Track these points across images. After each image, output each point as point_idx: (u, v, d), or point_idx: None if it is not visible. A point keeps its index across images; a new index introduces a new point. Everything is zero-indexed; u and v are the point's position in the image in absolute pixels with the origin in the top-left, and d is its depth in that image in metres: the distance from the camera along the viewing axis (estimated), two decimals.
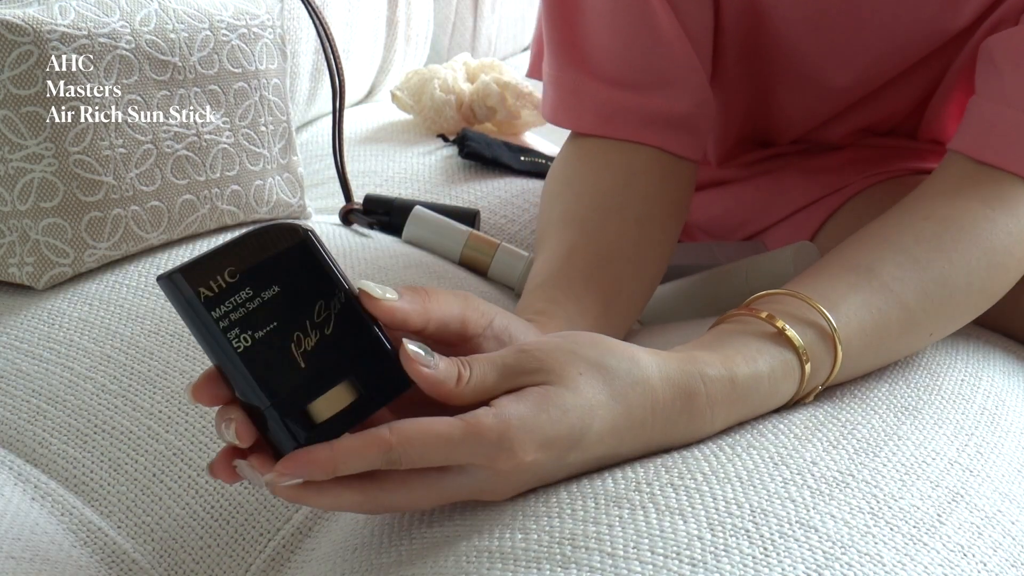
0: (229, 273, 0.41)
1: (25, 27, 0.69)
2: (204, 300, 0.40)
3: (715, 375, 0.48)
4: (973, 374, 0.60)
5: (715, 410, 0.49)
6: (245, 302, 0.41)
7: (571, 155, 0.71)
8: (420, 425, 0.42)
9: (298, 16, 1.05)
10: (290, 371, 0.42)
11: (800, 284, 0.55)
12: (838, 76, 0.77)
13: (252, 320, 0.41)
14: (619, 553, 0.41)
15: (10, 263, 0.73)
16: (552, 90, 0.73)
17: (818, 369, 0.52)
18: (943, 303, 0.57)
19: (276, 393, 0.41)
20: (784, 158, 0.87)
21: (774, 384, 0.51)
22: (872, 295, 0.54)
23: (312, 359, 0.42)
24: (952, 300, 0.57)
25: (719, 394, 0.48)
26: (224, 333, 0.41)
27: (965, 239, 0.57)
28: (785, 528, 0.43)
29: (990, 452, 0.52)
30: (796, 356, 0.51)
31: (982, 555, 0.45)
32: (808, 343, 0.51)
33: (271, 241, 0.43)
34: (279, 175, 0.84)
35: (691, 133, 0.69)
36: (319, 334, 0.43)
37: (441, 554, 0.45)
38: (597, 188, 0.66)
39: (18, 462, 0.62)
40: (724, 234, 0.89)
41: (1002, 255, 0.58)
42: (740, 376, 0.49)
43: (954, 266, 0.56)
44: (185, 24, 0.78)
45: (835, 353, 0.52)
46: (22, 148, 0.70)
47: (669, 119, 0.68)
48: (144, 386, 0.65)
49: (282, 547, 0.58)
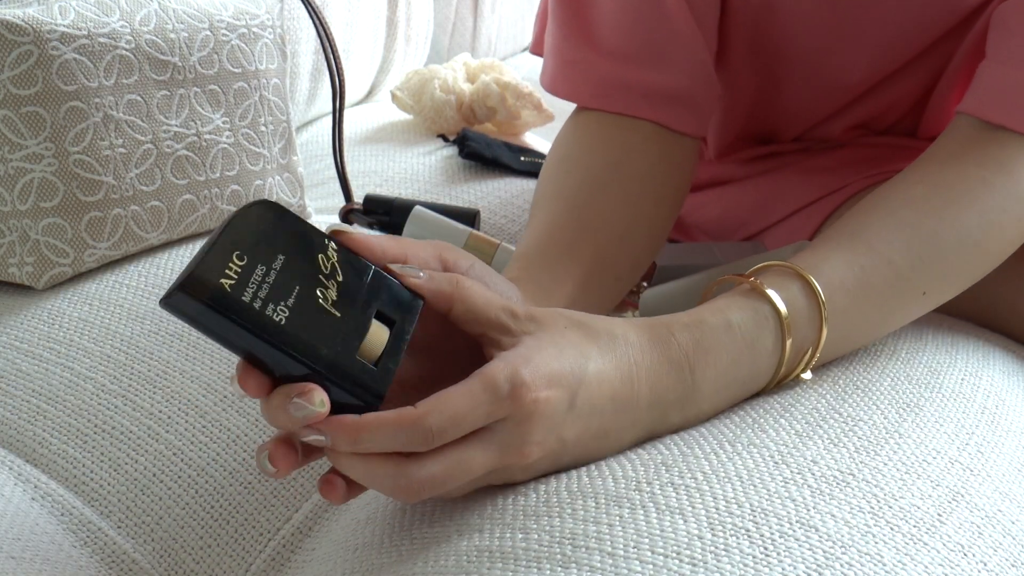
0: (237, 256, 0.41)
1: (25, 27, 0.69)
2: (231, 288, 0.40)
3: (683, 323, 0.50)
4: (973, 373, 0.60)
5: (691, 360, 0.50)
6: (264, 277, 0.42)
7: (569, 132, 0.71)
8: (440, 394, 0.42)
9: (298, 16, 1.05)
10: (330, 325, 0.42)
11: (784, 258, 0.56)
12: (848, 66, 0.77)
13: (278, 291, 0.42)
14: (619, 553, 0.41)
15: (10, 263, 0.73)
16: (553, 61, 0.73)
17: (802, 325, 0.53)
18: (934, 260, 0.57)
19: (328, 352, 0.42)
20: (783, 157, 0.87)
21: (746, 332, 0.51)
22: (855, 255, 0.55)
23: (342, 306, 0.43)
24: (944, 257, 0.57)
25: (689, 341, 0.50)
26: (262, 312, 0.40)
27: (957, 200, 0.57)
28: (785, 527, 0.43)
29: (990, 451, 0.52)
30: (771, 307, 0.52)
31: (982, 554, 0.45)
32: (788, 299, 0.52)
33: (253, 219, 0.44)
34: (279, 175, 0.84)
35: (691, 110, 0.69)
36: (334, 282, 0.44)
37: (441, 554, 0.45)
38: (590, 164, 0.67)
39: (18, 462, 0.62)
40: (724, 235, 0.89)
41: (996, 212, 0.58)
42: (708, 323, 0.50)
43: (944, 223, 0.57)
44: (185, 24, 0.78)
45: (819, 310, 0.53)
46: (22, 148, 0.70)
47: (669, 94, 0.68)
48: (144, 386, 0.65)
49: (282, 547, 0.58)
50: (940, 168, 0.59)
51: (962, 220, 0.57)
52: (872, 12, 0.73)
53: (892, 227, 0.56)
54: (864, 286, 0.55)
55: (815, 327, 0.53)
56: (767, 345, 0.52)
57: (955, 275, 0.59)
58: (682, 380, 0.50)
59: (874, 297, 0.55)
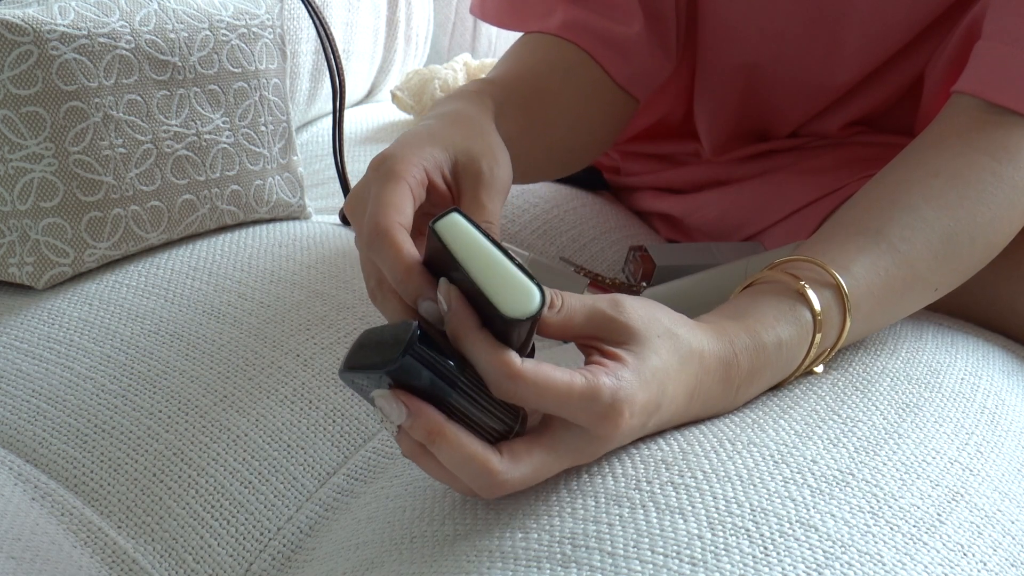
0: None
1: (25, 27, 0.69)
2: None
3: (743, 345, 0.50)
4: (973, 373, 0.60)
5: (742, 379, 0.50)
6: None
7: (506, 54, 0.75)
8: (543, 368, 0.42)
9: (298, 16, 1.05)
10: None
11: (812, 249, 0.56)
12: (833, 62, 0.77)
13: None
14: (619, 552, 0.41)
15: (10, 263, 0.73)
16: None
17: (828, 333, 0.53)
18: (947, 259, 0.58)
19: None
20: (781, 156, 0.87)
21: (791, 349, 0.52)
22: (880, 257, 0.55)
23: None
24: (957, 256, 0.58)
25: (747, 363, 0.50)
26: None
27: (971, 196, 0.58)
28: (785, 527, 0.43)
29: (990, 451, 0.52)
30: (812, 317, 0.52)
31: (982, 554, 0.45)
32: (824, 307, 0.53)
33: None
34: (279, 175, 0.84)
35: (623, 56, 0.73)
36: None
37: (441, 553, 0.45)
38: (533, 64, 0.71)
39: (18, 462, 0.62)
40: (722, 236, 0.89)
41: (1006, 209, 0.59)
42: (765, 347, 0.51)
43: (959, 224, 0.57)
44: (185, 24, 0.78)
45: (844, 316, 0.53)
46: (22, 148, 0.70)
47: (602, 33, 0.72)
48: (144, 386, 0.65)
49: (283, 546, 0.58)
50: (953, 159, 0.59)
51: (976, 219, 0.58)
52: (855, 7, 0.73)
53: (914, 226, 0.57)
54: (887, 290, 0.56)
55: (838, 330, 0.54)
56: (802, 354, 0.53)
57: (964, 271, 0.60)
58: (729, 398, 0.51)
59: (894, 299, 0.57)
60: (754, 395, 0.53)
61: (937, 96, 0.79)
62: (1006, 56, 0.61)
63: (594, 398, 0.43)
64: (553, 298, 0.45)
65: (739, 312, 0.53)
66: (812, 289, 0.53)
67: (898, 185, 0.59)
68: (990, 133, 0.59)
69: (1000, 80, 0.61)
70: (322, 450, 0.62)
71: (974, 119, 0.60)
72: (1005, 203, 0.59)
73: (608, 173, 0.98)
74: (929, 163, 0.59)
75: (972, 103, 0.61)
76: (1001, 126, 0.60)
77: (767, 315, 0.52)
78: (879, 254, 0.55)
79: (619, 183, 0.98)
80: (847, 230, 0.57)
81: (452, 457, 0.42)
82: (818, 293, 0.53)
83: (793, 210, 0.84)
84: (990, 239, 0.59)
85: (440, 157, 0.52)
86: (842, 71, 0.78)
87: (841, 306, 0.53)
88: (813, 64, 0.78)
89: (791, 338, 0.52)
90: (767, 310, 0.52)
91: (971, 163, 0.59)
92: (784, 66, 0.79)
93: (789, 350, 0.52)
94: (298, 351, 0.67)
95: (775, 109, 0.84)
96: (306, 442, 0.62)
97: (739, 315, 0.52)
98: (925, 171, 0.59)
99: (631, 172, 0.96)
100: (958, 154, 0.59)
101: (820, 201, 0.82)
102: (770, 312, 0.52)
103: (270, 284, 0.74)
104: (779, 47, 0.78)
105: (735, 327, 0.51)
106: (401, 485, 0.54)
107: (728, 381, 0.50)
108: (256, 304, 0.72)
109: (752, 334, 0.51)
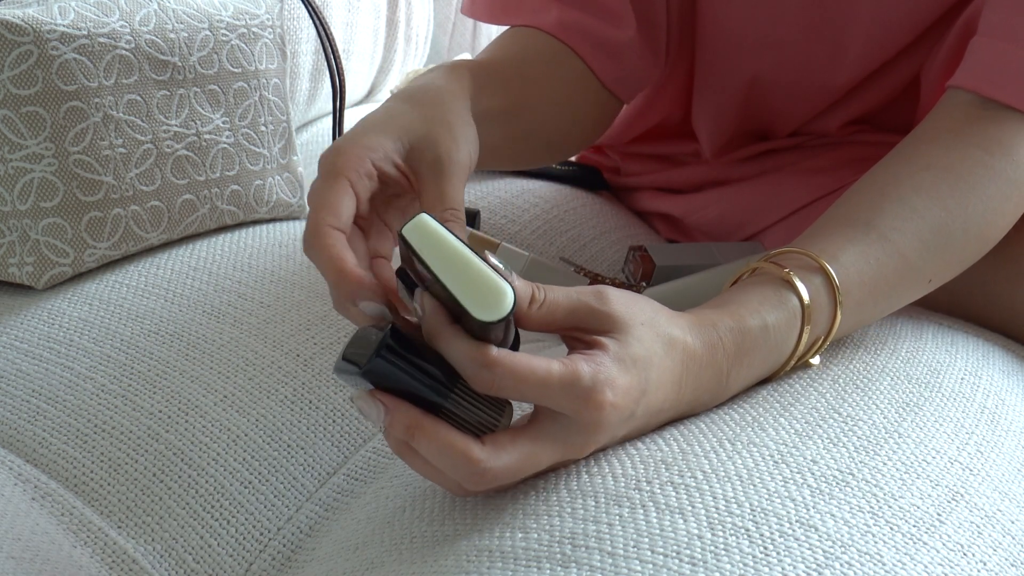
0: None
1: (25, 27, 0.69)
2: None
3: (727, 327, 0.50)
4: (973, 372, 0.60)
5: (730, 363, 0.50)
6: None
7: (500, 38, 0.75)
8: (520, 357, 0.42)
9: (298, 16, 1.05)
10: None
11: (802, 242, 0.56)
12: (835, 63, 0.77)
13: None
14: (619, 552, 0.41)
15: (10, 263, 0.73)
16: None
17: (820, 318, 0.54)
18: (940, 250, 0.58)
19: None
20: (781, 156, 0.87)
21: (779, 334, 0.52)
22: (869, 246, 0.56)
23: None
24: (949, 247, 0.58)
25: (732, 345, 0.50)
26: None
27: (962, 187, 0.58)
28: (785, 527, 0.43)
29: (990, 451, 0.52)
30: (799, 303, 0.52)
31: (982, 554, 0.45)
32: (812, 292, 0.53)
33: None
34: (279, 175, 0.84)
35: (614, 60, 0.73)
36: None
37: (441, 553, 0.45)
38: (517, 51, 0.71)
39: (18, 462, 0.62)
40: (723, 236, 0.89)
41: (999, 201, 0.59)
42: (749, 328, 0.51)
43: (951, 214, 0.57)
44: (185, 24, 0.78)
45: (835, 304, 0.54)
46: (22, 148, 0.70)
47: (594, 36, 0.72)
48: (144, 386, 0.65)
49: (283, 546, 0.58)
50: (946, 152, 0.59)
51: (968, 210, 0.58)
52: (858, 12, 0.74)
53: (904, 217, 0.57)
54: (878, 279, 0.56)
55: (830, 318, 0.54)
56: (792, 340, 0.53)
57: (958, 262, 0.60)
58: (719, 383, 0.51)
59: (886, 288, 0.57)
60: (747, 382, 0.53)
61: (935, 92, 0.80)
62: (1001, 52, 0.61)
63: (574, 382, 0.43)
64: (535, 292, 0.45)
65: (724, 301, 0.53)
66: (798, 276, 0.53)
67: (889, 179, 0.59)
68: (984, 127, 0.60)
69: (995, 75, 0.61)
70: (322, 450, 0.62)
71: (968, 114, 0.61)
72: (998, 196, 0.59)
73: (608, 173, 0.98)
74: (921, 157, 0.60)
75: (967, 98, 0.61)
76: (995, 120, 0.60)
77: (751, 301, 0.52)
78: (869, 243, 0.56)
79: (619, 183, 0.98)
80: (837, 222, 0.58)
81: (431, 448, 0.43)
82: (804, 280, 0.53)
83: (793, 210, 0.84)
84: (983, 231, 0.59)
85: (389, 146, 0.52)
86: (843, 73, 0.78)
87: (831, 293, 0.54)
88: (815, 68, 0.78)
89: (777, 322, 0.52)
90: (751, 297, 0.53)
91: (964, 156, 0.59)
92: (785, 71, 0.79)
93: (777, 333, 0.52)
94: (298, 351, 0.67)
95: (775, 111, 0.84)
96: (306, 442, 0.62)
97: (724, 304, 0.53)
98: (917, 165, 0.59)
99: (631, 172, 0.96)
100: (951, 148, 0.59)
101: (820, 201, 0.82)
102: (754, 298, 0.52)
103: (270, 284, 0.74)
104: (780, 53, 0.78)
105: (719, 313, 0.51)
106: (401, 485, 0.54)
107: (716, 366, 0.50)
108: (256, 304, 0.72)
109: (736, 318, 0.51)
